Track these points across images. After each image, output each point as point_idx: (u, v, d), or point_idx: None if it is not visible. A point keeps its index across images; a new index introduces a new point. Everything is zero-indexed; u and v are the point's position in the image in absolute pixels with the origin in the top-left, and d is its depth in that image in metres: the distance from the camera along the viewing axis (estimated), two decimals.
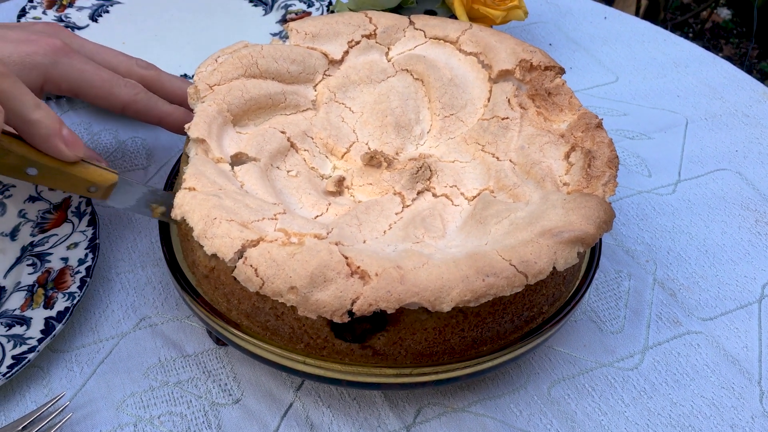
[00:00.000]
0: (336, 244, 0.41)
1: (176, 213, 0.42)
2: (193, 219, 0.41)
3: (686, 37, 2.44)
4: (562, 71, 0.55)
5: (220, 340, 0.49)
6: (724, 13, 2.57)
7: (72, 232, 0.53)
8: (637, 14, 2.25)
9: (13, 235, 0.54)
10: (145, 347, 0.49)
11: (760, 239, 0.59)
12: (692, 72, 0.76)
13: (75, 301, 0.48)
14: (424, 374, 0.43)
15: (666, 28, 2.41)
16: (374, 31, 0.58)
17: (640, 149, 0.67)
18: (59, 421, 0.44)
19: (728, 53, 2.37)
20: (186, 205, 0.41)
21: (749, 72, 2.27)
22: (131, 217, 0.58)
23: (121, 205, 0.47)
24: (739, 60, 2.32)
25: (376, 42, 0.57)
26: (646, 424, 0.46)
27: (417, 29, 0.58)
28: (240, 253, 0.40)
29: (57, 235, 0.53)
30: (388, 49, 0.58)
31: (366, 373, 0.43)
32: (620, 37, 0.81)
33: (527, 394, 0.48)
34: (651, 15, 2.38)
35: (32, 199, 0.56)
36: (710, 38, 2.46)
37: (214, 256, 0.41)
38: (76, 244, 0.52)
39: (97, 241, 0.52)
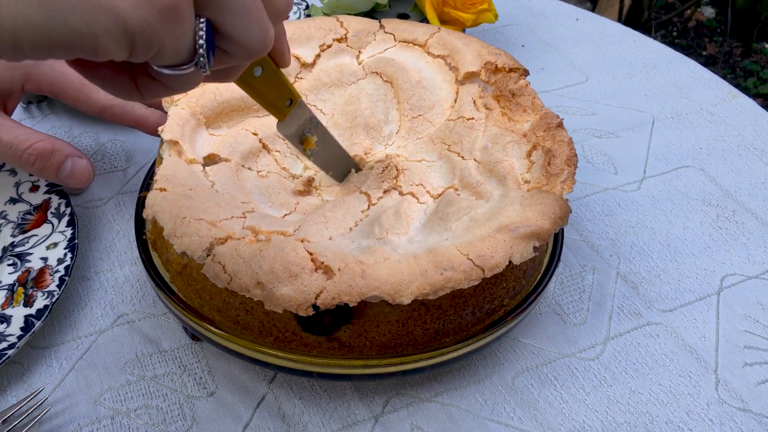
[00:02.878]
0: (301, 241, 0.42)
1: (147, 213, 0.44)
2: (163, 219, 0.43)
3: (670, 35, 2.47)
4: (526, 73, 0.56)
5: (195, 336, 0.51)
6: (708, 11, 2.60)
7: (51, 233, 0.55)
8: (620, 14, 2.28)
9: None
10: (123, 343, 0.51)
11: (720, 233, 0.61)
12: (660, 72, 0.78)
13: (54, 300, 0.50)
14: (390, 365, 0.45)
15: (650, 27, 2.43)
16: (345, 35, 0.59)
17: (607, 147, 0.69)
18: (38, 415, 0.46)
19: (712, 51, 2.39)
20: (156, 205, 0.43)
21: (732, 70, 2.30)
22: (109, 218, 0.59)
23: (287, 130, 0.46)
24: (723, 58, 2.35)
25: (347, 45, 0.59)
26: (605, 411, 0.48)
27: (387, 33, 0.60)
28: (208, 251, 0.41)
29: (37, 235, 0.55)
30: (359, 52, 0.59)
31: (335, 365, 0.45)
32: (591, 38, 0.83)
33: (492, 384, 0.50)
34: (635, 14, 2.41)
35: (13, 201, 0.57)
36: (694, 37, 2.48)
37: (185, 253, 0.43)
38: (55, 244, 0.54)
39: (76, 241, 0.54)
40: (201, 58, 0.31)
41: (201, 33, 0.30)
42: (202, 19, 0.30)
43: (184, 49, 0.30)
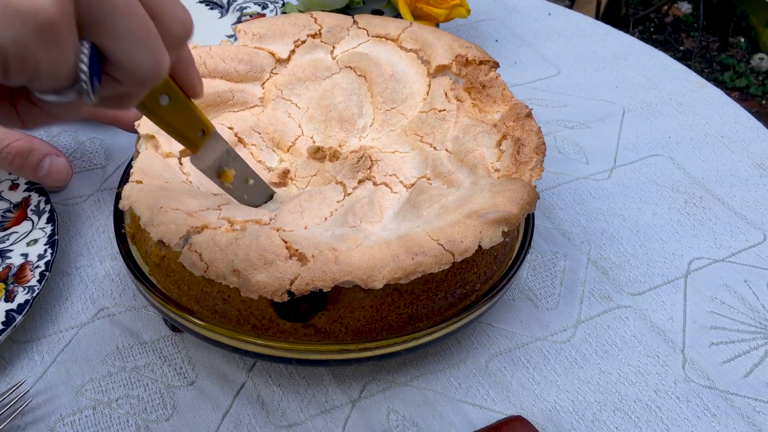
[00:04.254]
0: (276, 229, 0.43)
1: (123, 204, 0.45)
2: (139, 208, 0.44)
3: (647, 31, 2.50)
4: (496, 65, 0.58)
5: (175, 327, 0.52)
6: (685, 7, 2.63)
7: (32, 230, 0.55)
8: (598, 10, 2.30)
9: None
10: (104, 336, 0.52)
11: (688, 219, 0.62)
12: (630, 64, 0.80)
13: (35, 294, 0.51)
14: (365, 350, 0.46)
15: (628, 23, 2.46)
16: (319, 30, 0.61)
17: (579, 138, 0.70)
18: (20, 406, 0.46)
19: (689, 46, 2.43)
20: (133, 196, 0.44)
21: (709, 64, 2.33)
22: (89, 214, 0.60)
23: (202, 164, 0.44)
24: (700, 53, 2.38)
25: (321, 41, 0.60)
26: (576, 392, 0.50)
27: (360, 28, 0.61)
28: (185, 239, 0.42)
29: (17, 232, 0.55)
30: (333, 47, 0.60)
31: (312, 351, 0.46)
32: (563, 32, 0.85)
33: (466, 368, 0.51)
34: (612, 10, 2.44)
35: None
36: (671, 32, 2.52)
37: (163, 244, 0.43)
38: (35, 241, 0.54)
39: (56, 237, 0.55)
40: (83, 85, 0.29)
41: (83, 57, 0.28)
42: (86, 43, 0.28)
43: (64, 73, 0.28)
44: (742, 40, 2.38)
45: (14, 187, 0.59)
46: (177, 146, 0.50)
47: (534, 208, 0.47)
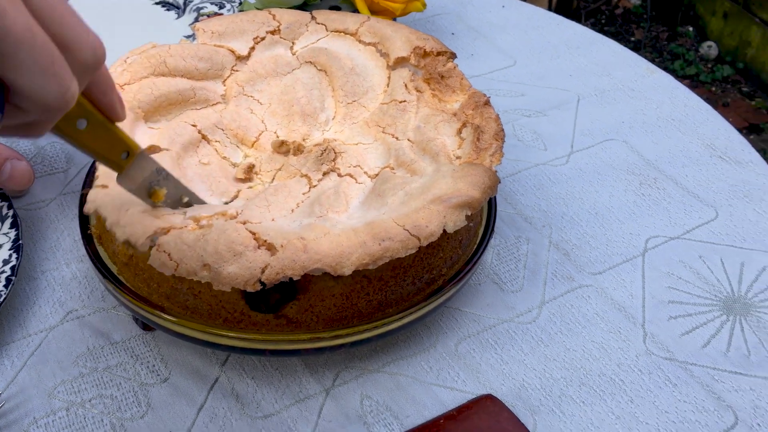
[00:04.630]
0: (243, 222, 0.44)
1: (88, 208, 0.45)
2: (105, 210, 0.44)
3: (599, 23, 2.55)
4: (453, 56, 0.59)
5: (146, 326, 0.52)
6: None
7: None
8: (550, 3, 2.34)
9: None
10: (74, 338, 0.52)
11: (643, 200, 0.64)
12: (583, 53, 0.82)
13: (2, 299, 0.50)
14: (337, 337, 0.47)
15: (580, 16, 2.50)
16: (278, 27, 0.61)
17: (536, 126, 0.72)
18: None
19: (639, 37, 2.48)
20: (98, 200, 0.44)
21: (660, 54, 2.39)
22: (53, 218, 0.60)
23: (128, 184, 0.43)
24: (650, 43, 2.44)
25: (281, 37, 0.61)
26: (543, 369, 0.51)
27: (319, 24, 0.62)
28: (152, 239, 0.43)
29: None
30: (293, 43, 0.61)
31: (284, 341, 0.46)
32: (518, 24, 0.87)
33: (436, 352, 0.52)
34: (564, 4, 2.48)
35: None
36: (622, 23, 2.57)
37: (130, 244, 0.44)
38: (0, 246, 0.54)
39: (20, 241, 0.54)
40: None
41: None
42: None
43: None
44: (691, 29, 2.44)
45: None
46: (141, 145, 0.50)
47: (495, 192, 0.48)
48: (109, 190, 0.46)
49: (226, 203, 0.50)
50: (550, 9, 2.30)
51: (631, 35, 2.49)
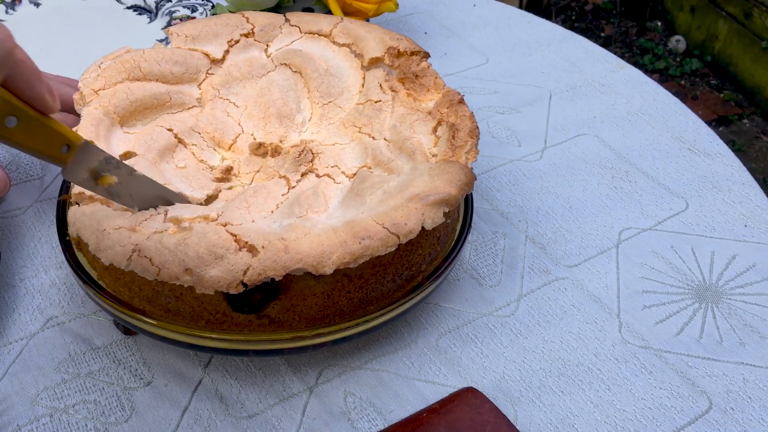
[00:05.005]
0: (224, 225, 0.44)
1: (71, 231, 0.45)
2: (85, 235, 0.44)
3: (569, 20, 2.58)
4: (426, 55, 0.60)
5: (128, 330, 0.52)
6: None
7: None
8: (521, 1, 2.36)
9: None
10: (55, 344, 0.52)
11: (616, 192, 0.66)
12: (554, 50, 0.83)
13: None
14: (319, 335, 0.47)
15: (550, 13, 2.52)
16: (252, 29, 0.62)
17: (510, 122, 0.73)
18: None
19: (609, 32, 2.51)
20: (78, 222, 0.45)
21: (629, 49, 2.42)
22: (30, 225, 0.60)
23: (75, 178, 0.42)
24: (620, 38, 2.47)
25: (255, 40, 0.61)
26: (522, 361, 0.52)
27: (293, 26, 0.62)
28: (130, 259, 0.43)
29: None
30: (267, 45, 0.61)
31: (266, 340, 0.47)
32: (489, 22, 0.88)
33: (417, 347, 0.53)
34: (535, 1, 2.51)
35: None
36: (592, 20, 2.60)
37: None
38: None
39: None
40: None
41: None
42: None
43: None
44: (659, 23, 2.48)
45: None
46: (117, 151, 0.51)
47: (472, 188, 0.49)
48: (85, 208, 0.46)
49: (209, 196, 0.50)
50: (521, 7, 2.32)
51: (601, 31, 2.52)
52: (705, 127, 0.73)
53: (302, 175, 0.52)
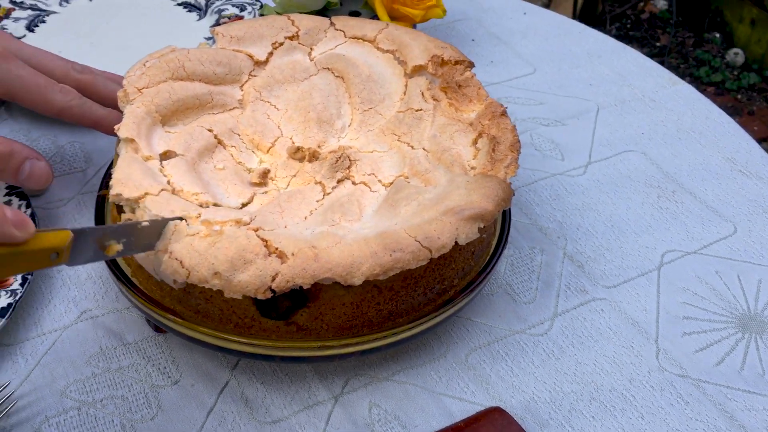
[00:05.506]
0: (256, 229, 0.44)
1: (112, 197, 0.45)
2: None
3: (624, 28, 2.52)
4: (471, 65, 0.59)
5: (158, 328, 0.52)
6: (661, 3, 2.66)
7: None
8: (575, 7, 2.33)
9: None
10: (87, 338, 0.52)
11: (661, 213, 0.64)
12: (604, 62, 0.82)
13: (17, 298, 0.51)
14: (346, 345, 0.47)
15: (605, 20, 2.48)
16: (297, 32, 0.61)
17: (554, 135, 0.71)
18: (5, 409, 0.47)
19: (665, 42, 2.46)
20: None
21: (685, 60, 2.36)
22: (70, 217, 0.61)
23: (82, 261, 0.41)
24: (676, 48, 2.41)
25: (299, 43, 0.61)
26: (553, 383, 0.51)
27: (337, 30, 0.62)
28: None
29: None
30: (311, 49, 0.61)
31: (293, 348, 0.46)
32: (539, 31, 0.86)
33: (446, 361, 0.52)
34: (589, 7, 2.46)
35: None
36: (647, 28, 2.55)
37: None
38: None
39: None
40: None
41: None
42: None
43: None
44: (717, 35, 2.41)
45: None
46: (157, 149, 0.51)
47: (509, 204, 0.48)
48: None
49: (243, 204, 0.50)
50: (574, 12, 2.28)
51: (656, 40, 2.47)
52: (758, 149, 0.70)
53: (338, 181, 0.52)
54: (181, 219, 0.44)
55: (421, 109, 0.56)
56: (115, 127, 0.50)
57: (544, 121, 0.73)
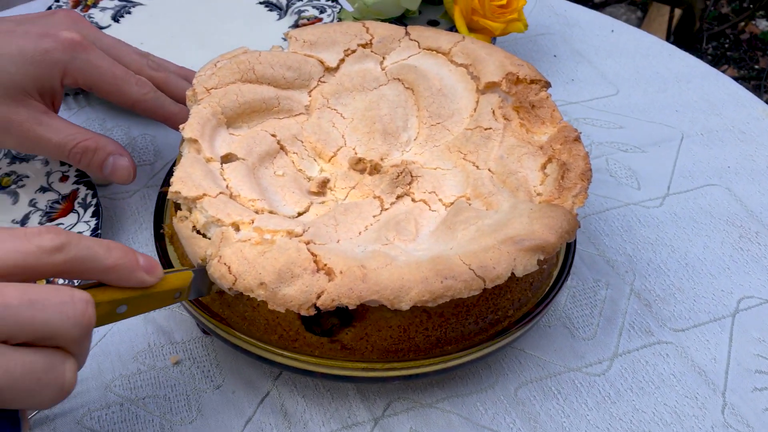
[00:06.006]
0: (307, 242, 0.43)
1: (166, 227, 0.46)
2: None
3: (722, 47, 2.41)
4: (547, 85, 0.56)
5: (206, 330, 0.52)
6: (763, 24, 2.53)
7: (77, 222, 0.57)
8: (670, 24, 2.24)
9: (23, 222, 0.57)
10: (137, 333, 0.52)
11: (741, 254, 0.60)
12: (694, 87, 0.77)
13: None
14: (391, 369, 0.45)
15: (701, 39, 2.38)
16: (370, 40, 0.60)
17: (632, 162, 0.68)
18: None
19: (764, 65, 2.33)
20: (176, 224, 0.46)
21: None
22: (134, 210, 0.61)
23: (195, 296, 0.44)
24: None
25: (372, 51, 0.60)
26: (606, 428, 0.48)
27: (412, 40, 0.61)
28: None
29: (63, 224, 0.57)
30: (383, 58, 0.60)
31: (337, 366, 0.45)
32: (625, 50, 0.82)
33: (494, 393, 0.50)
34: (685, 25, 2.36)
35: (43, 189, 0.60)
36: (747, 49, 2.43)
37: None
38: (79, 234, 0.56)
39: (99, 231, 0.56)
40: None
41: None
42: None
43: None
44: None
45: (64, 179, 0.60)
46: (219, 151, 0.51)
47: (573, 237, 0.45)
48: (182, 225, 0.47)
49: (299, 213, 0.49)
50: (669, 29, 2.20)
51: (755, 62, 2.35)
52: None
53: (397, 197, 0.50)
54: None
55: (490, 128, 0.54)
56: (180, 126, 0.50)
57: (622, 146, 0.70)
